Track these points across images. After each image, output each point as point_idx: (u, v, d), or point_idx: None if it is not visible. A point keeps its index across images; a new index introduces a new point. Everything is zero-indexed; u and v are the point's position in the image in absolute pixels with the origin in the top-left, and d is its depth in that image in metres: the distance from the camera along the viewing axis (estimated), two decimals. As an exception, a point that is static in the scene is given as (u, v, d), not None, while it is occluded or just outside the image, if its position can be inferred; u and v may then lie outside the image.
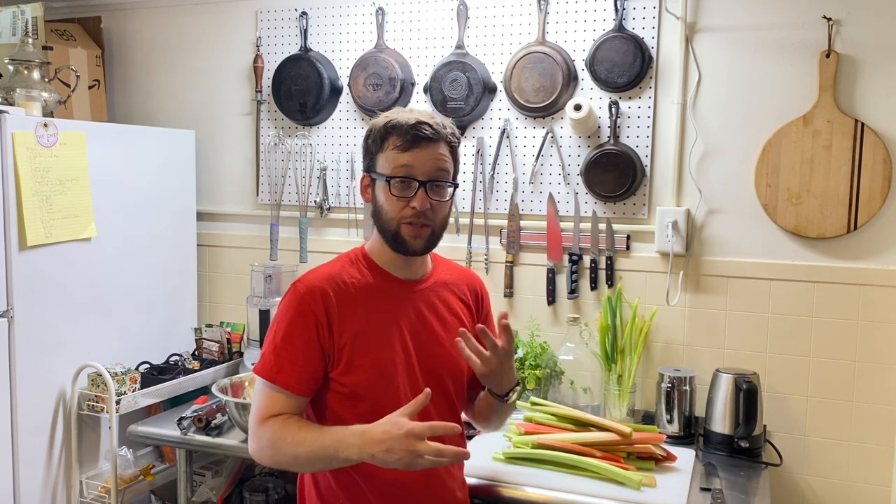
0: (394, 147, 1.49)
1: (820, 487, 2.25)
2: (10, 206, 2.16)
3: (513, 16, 2.48)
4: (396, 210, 1.50)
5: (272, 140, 2.79)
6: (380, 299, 1.55)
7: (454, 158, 1.55)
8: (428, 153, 1.49)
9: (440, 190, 1.51)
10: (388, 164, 1.50)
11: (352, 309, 1.52)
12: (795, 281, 2.24)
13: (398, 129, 1.49)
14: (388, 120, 1.52)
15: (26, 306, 2.22)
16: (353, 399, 1.51)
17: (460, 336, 1.51)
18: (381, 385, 1.51)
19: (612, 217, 2.41)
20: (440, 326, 1.60)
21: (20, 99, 2.34)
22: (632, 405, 2.26)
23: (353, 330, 1.51)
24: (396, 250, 1.54)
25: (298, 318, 1.50)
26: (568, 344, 2.30)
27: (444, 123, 1.53)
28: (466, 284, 1.71)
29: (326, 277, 1.53)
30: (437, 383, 1.55)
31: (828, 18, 2.14)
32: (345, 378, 1.51)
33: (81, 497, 2.37)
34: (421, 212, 1.48)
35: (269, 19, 2.79)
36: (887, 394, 2.17)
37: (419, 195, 1.48)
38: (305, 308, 1.50)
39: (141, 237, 2.61)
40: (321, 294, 1.50)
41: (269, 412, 1.49)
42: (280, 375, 1.49)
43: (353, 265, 1.58)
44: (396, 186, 1.49)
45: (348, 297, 1.52)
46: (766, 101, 2.24)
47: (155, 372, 2.51)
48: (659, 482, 1.83)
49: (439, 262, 1.70)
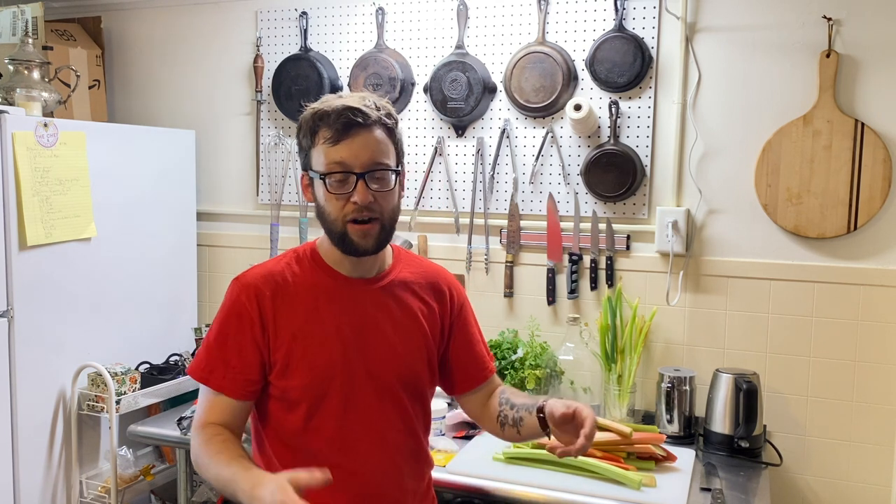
0: (324, 140, 1.37)
1: (820, 487, 2.25)
2: (10, 206, 2.16)
3: (513, 16, 2.48)
4: (338, 208, 1.37)
5: (272, 140, 2.79)
6: (323, 299, 1.44)
7: (394, 141, 1.42)
8: (362, 141, 1.36)
9: (381, 179, 1.39)
10: (322, 159, 1.37)
11: (291, 309, 1.42)
12: (795, 281, 2.24)
13: (325, 119, 1.37)
14: (316, 110, 1.39)
15: (26, 306, 2.22)
16: (289, 404, 1.42)
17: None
18: (317, 391, 1.41)
19: (612, 217, 2.41)
20: (391, 329, 1.47)
21: (20, 99, 2.34)
22: (632, 405, 2.26)
23: (290, 331, 1.41)
24: (346, 252, 1.42)
25: (233, 318, 1.42)
26: (568, 344, 2.30)
27: (376, 105, 1.40)
28: (430, 283, 1.56)
29: (265, 275, 1.45)
30: (383, 389, 1.45)
31: (828, 18, 2.14)
32: (280, 382, 1.42)
33: (81, 497, 2.37)
34: (363, 206, 1.36)
35: (269, 19, 2.79)
36: (887, 394, 2.17)
37: (359, 189, 1.35)
38: (240, 307, 1.42)
39: (141, 237, 2.61)
40: (256, 293, 1.42)
41: (208, 417, 1.41)
42: (212, 377, 1.42)
43: (298, 262, 1.48)
44: (333, 184, 1.37)
45: (287, 296, 1.43)
46: (766, 101, 2.24)
47: (155, 372, 2.52)
48: (659, 482, 1.83)
49: (403, 258, 1.57)
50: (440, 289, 1.57)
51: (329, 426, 1.43)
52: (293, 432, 1.44)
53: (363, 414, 1.44)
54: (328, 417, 1.42)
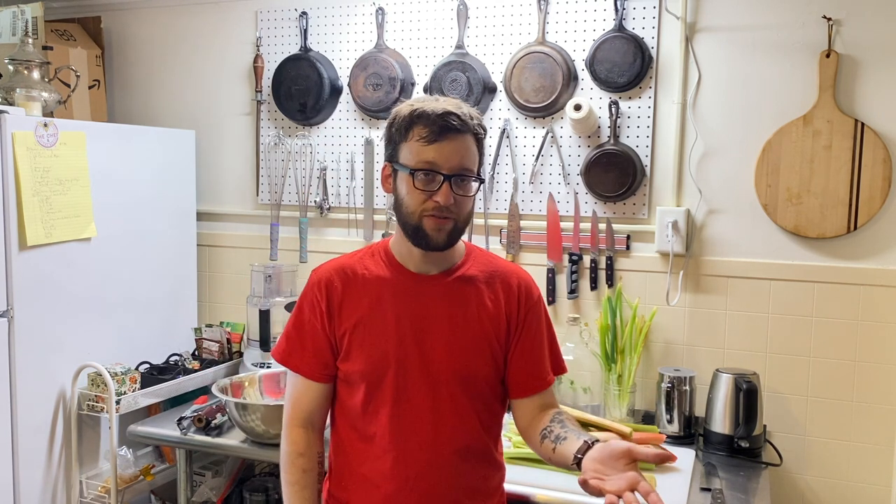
0: (419, 138, 1.42)
1: (820, 487, 2.25)
2: (10, 206, 2.16)
3: (513, 16, 2.48)
4: (418, 203, 1.43)
5: (272, 140, 2.79)
6: (387, 292, 1.52)
7: (480, 151, 1.49)
8: (454, 146, 1.42)
9: (465, 184, 1.45)
10: (413, 155, 1.43)
11: (357, 299, 1.52)
12: (795, 281, 2.24)
13: (424, 118, 1.42)
14: (414, 108, 1.44)
15: (26, 306, 2.22)
16: (351, 387, 1.54)
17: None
18: (372, 377, 1.50)
19: (612, 217, 2.41)
20: (451, 324, 1.51)
21: (20, 99, 2.34)
22: (632, 405, 2.26)
23: (354, 319, 1.52)
24: (417, 244, 1.48)
25: (306, 308, 1.56)
26: (568, 344, 2.30)
27: (470, 114, 1.46)
28: (500, 281, 1.57)
29: (338, 267, 1.56)
30: (437, 384, 1.50)
31: (828, 18, 2.14)
32: (343, 365, 1.53)
33: (81, 497, 2.37)
34: (444, 207, 1.43)
35: (269, 19, 2.79)
36: (887, 394, 2.17)
37: (443, 190, 1.42)
38: (312, 298, 1.55)
39: (141, 237, 2.61)
40: (326, 283, 1.54)
41: (294, 410, 1.57)
42: (291, 359, 1.56)
43: (371, 257, 1.57)
44: (420, 179, 1.42)
45: (356, 287, 1.53)
46: (766, 101, 2.24)
47: (155, 372, 2.51)
48: (659, 482, 1.83)
49: (474, 255, 1.60)
50: (510, 286, 1.57)
51: (384, 413, 1.50)
52: (356, 414, 1.54)
53: (416, 405, 1.50)
54: (383, 404, 1.50)
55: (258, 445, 2.11)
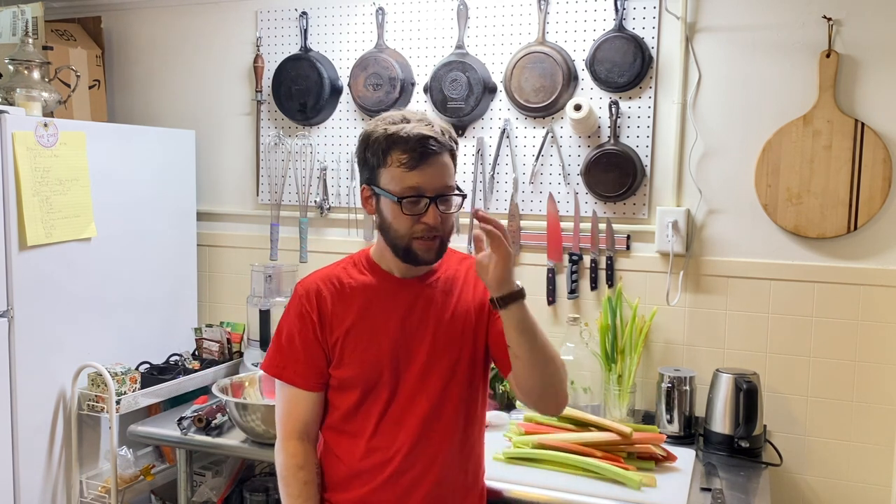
0: (399, 164, 1.46)
1: (820, 487, 2.25)
2: (10, 206, 2.16)
3: (513, 16, 2.48)
4: (407, 227, 1.49)
5: (272, 140, 2.79)
6: (375, 298, 1.59)
7: (455, 163, 1.54)
8: (435, 169, 1.47)
9: (449, 202, 1.51)
10: (396, 182, 1.47)
11: (346, 306, 1.58)
12: (795, 281, 2.24)
13: (402, 143, 1.46)
14: (389, 133, 1.47)
15: (26, 306, 2.22)
16: (343, 391, 1.58)
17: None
18: (367, 380, 1.56)
19: (612, 217, 2.41)
20: (438, 324, 1.58)
21: (20, 99, 2.34)
22: (632, 405, 2.26)
23: (345, 326, 1.57)
24: (408, 262, 1.55)
25: (296, 319, 1.59)
26: (568, 344, 2.30)
27: (442, 130, 1.50)
28: (473, 274, 1.64)
29: (323, 277, 1.61)
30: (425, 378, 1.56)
31: (828, 18, 2.14)
32: (336, 372, 1.58)
33: (81, 497, 2.37)
34: (433, 227, 1.49)
35: (269, 19, 2.79)
36: (887, 394, 2.17)
37: (431, 212, 1.48)
38: (302, 308, 1.59)
39: (141, 237, 2.61)
40: (316, 293, 1.59)
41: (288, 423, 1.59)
42: (286, 371, 1.59)
43: (354, 266, 1.63)
44: (407, 206, 1.47)
45: (343, 296, 1.58)
46: (766, 101, 2.24)
47: (155, 372, 2.51)
48: (659, 482, 1.83)
49: (449, 253, 1.64)
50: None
51: (375, 411, 1.56)
52: (346, 417, 1.58)
53: (408, 402, 1.56)
54: (375, 404, 1.56)
55: (258, 445, 2.11)
